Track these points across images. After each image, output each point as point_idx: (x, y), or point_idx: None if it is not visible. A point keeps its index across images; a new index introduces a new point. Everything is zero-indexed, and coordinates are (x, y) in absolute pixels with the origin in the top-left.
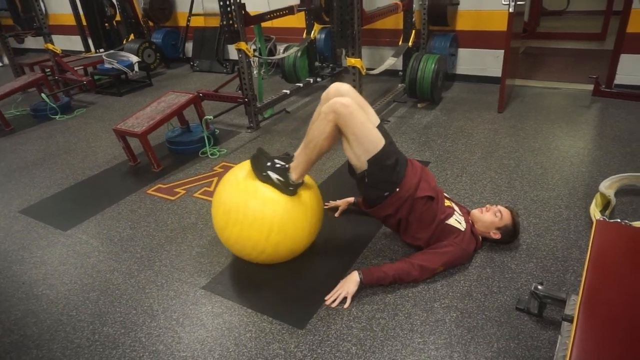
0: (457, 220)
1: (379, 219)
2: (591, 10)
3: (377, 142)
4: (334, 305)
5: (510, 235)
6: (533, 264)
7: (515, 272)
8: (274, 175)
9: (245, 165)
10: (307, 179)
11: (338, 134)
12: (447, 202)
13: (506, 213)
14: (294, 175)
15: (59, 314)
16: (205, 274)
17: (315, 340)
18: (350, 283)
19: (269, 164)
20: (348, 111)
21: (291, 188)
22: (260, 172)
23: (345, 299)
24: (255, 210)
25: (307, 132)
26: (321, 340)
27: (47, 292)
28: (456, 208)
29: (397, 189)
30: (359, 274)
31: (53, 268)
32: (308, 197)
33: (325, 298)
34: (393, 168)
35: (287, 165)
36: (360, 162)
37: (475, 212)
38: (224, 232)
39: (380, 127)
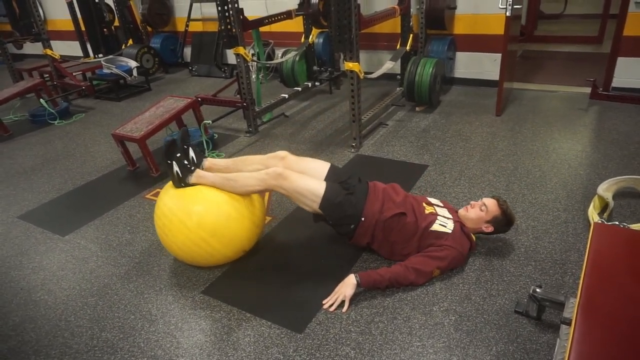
0: (441, 225)
1: (366, 247)
2: (588, 14)
3: (318, 190)
4: (332, 309)
5: (503, 224)
6: (531, 266)
7: (514, 275)
8: (175, 168)
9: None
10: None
11: (258, 193)
12: (428, 209)
13: (491, 204)
14: (193, 179)
15: (57, 320)
16: (204, 278)
17: (314, 344)
18: (347, 286)
19: (178, 154)
20: (286, 182)
21: (183, 185)
22: (166, 157)
23: (343, 302)
24: (165, 211)
25: (233, 168)
26: (320, 345)
27: (46, 297)
28: (441, 212)
29: (362, 219)
30: (356, 277)
31: (51, 273)
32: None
33: (324, 302)
34: (345, 204)
35: (193, 168)
36: (315, 210)
37: (462, 212)
38: (173, 250)
39: (331, 171)
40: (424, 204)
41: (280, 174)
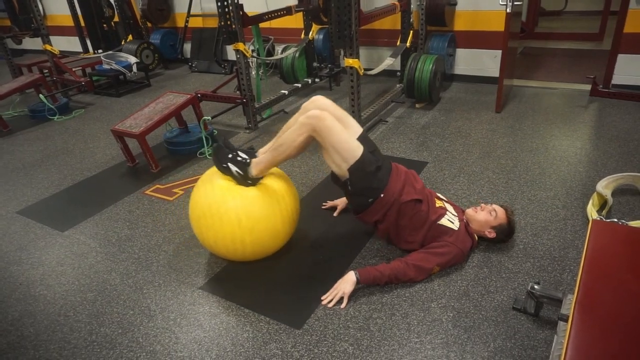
0: (449, 220)
1: (370, 226)
2: (589, 11)
3: (355, 151)
4: (330, 305)
5: (505, 234)
6: (530, 263)
7: (512, 271)
8: (233, 168)
9: (209, 171)
10: (275, 169)
11: (307, 145)
12: (438, 203)
13: (501, 212)
14: (254, 171)
15: (56, 315)
16: (203, 274)
17: (313, 340)
18: (346, 283)
19: (230, 155)
20: (324, 124)
21: (249, 182)
22: (220, 163)
23: (342, 299)
24: (219, 204)
25: (280, 134)
26: (318, 340)
27: (45, 292)
28: (449, 208)
29: (381, 195)
30: (355, 273)
31: (51, 269)
32: (273, 184)
33: (322, 298)
34: (374, 175)
35: (248, 160)
36: (341, 170)
37: (470, 212)
38: (204, 239)
39: (362, 137)
40: (435, 198)
41: (318, 115)
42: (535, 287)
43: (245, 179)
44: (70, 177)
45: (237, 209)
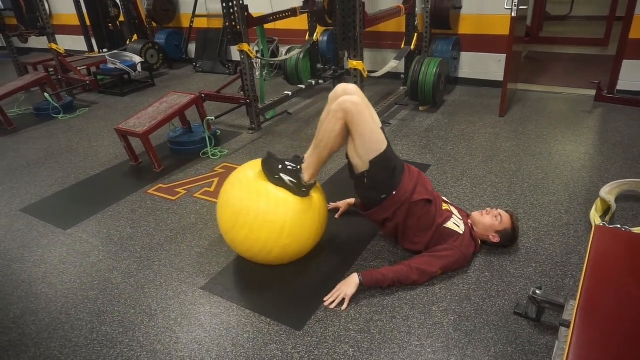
0: (455, 224)
1: (377, 223)
2: (594, 16)
3: (381, 143)
4: (332, 306)
5: (509, 240)
6: (532, 268)
7: (514, 276)
8: (286, 178)
9: (253, 165)
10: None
11: (347, 133)
12: (445, 206)
13: (506, 217)
14: (306, 177)
15: (57, 313)
16: (204, 274)
17: (313, 341)
18: (349, 286)
19: (280, 166)
20: (357, 109)
21: (304, 189)
22: (272, 174)
23: (343, 300)
24: (268, 212)
25: (317, 132)
26: (319, 342)
27: (47, 290)
28: (455, 211)
29: (394, 192)
30: (359, 276)
31: (53, 267)
32: (316, 198)
33: (324, 299)
34: (392, 171)
35: (298, 167)
36: (362, 161)
37: (476, 215)
38: (231, 232)
39: (382, 130)
40: (441, 201)
41: (351, 100)
42: (537, 292)
43: (300, 187)
44: (73, 175)
45: (285, 222)
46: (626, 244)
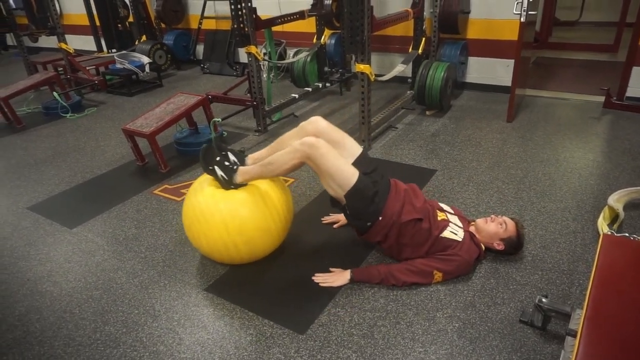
0: (452, 232)
1: (374, 243)
2: (604, 22)
3: (350, 178)
4: (317, 280)
5: (514, 247)
6: (538, 276)
7: (520, 283)
8: (219, 172)
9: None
10: None
11: (297, 169)
12: (440, 215)
13: (511, 224)
14: (239, 179)
15: (62, 311)
16: (208, 276)
17: (316, 346)
18: (339, 278)
19: (218, 158)
20: (318, 152)
21: (232, 187)
22: (207, 164)
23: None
24: (204, 210)
25: (271, 151)
26: (321, 346)
27: (51, 289)
28: (452, 219)
29: (380, 218)
30: (351, 273)
31: (58, 265)
32: (256, 182)
33: (316, 274)
34: (371, 200)
35: (235, 168)
36: (338, 195)
37: (480, 222)
38: (198, 244)
39: (361, 157)
40: (437, 210)
41: (313, 144)
42: (543, 300)
43: (229, 184)
44: (80, 174)
45: (221, 212)
46: (634, 253)
